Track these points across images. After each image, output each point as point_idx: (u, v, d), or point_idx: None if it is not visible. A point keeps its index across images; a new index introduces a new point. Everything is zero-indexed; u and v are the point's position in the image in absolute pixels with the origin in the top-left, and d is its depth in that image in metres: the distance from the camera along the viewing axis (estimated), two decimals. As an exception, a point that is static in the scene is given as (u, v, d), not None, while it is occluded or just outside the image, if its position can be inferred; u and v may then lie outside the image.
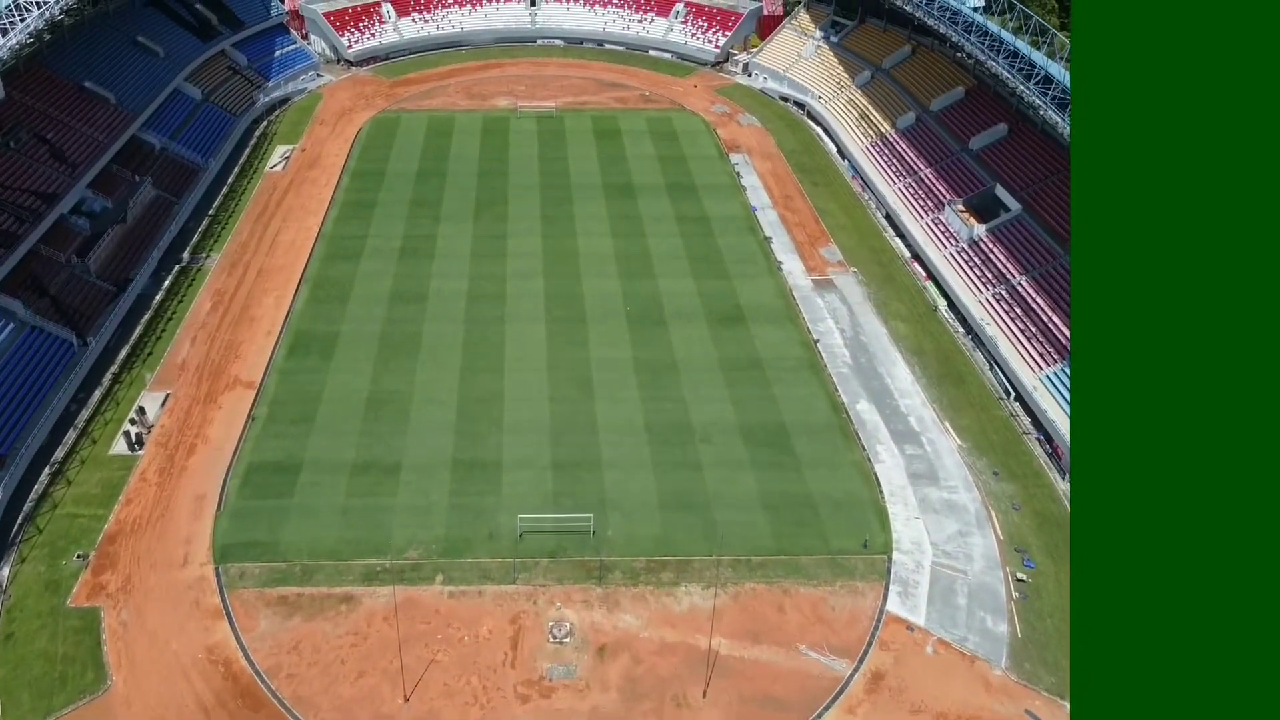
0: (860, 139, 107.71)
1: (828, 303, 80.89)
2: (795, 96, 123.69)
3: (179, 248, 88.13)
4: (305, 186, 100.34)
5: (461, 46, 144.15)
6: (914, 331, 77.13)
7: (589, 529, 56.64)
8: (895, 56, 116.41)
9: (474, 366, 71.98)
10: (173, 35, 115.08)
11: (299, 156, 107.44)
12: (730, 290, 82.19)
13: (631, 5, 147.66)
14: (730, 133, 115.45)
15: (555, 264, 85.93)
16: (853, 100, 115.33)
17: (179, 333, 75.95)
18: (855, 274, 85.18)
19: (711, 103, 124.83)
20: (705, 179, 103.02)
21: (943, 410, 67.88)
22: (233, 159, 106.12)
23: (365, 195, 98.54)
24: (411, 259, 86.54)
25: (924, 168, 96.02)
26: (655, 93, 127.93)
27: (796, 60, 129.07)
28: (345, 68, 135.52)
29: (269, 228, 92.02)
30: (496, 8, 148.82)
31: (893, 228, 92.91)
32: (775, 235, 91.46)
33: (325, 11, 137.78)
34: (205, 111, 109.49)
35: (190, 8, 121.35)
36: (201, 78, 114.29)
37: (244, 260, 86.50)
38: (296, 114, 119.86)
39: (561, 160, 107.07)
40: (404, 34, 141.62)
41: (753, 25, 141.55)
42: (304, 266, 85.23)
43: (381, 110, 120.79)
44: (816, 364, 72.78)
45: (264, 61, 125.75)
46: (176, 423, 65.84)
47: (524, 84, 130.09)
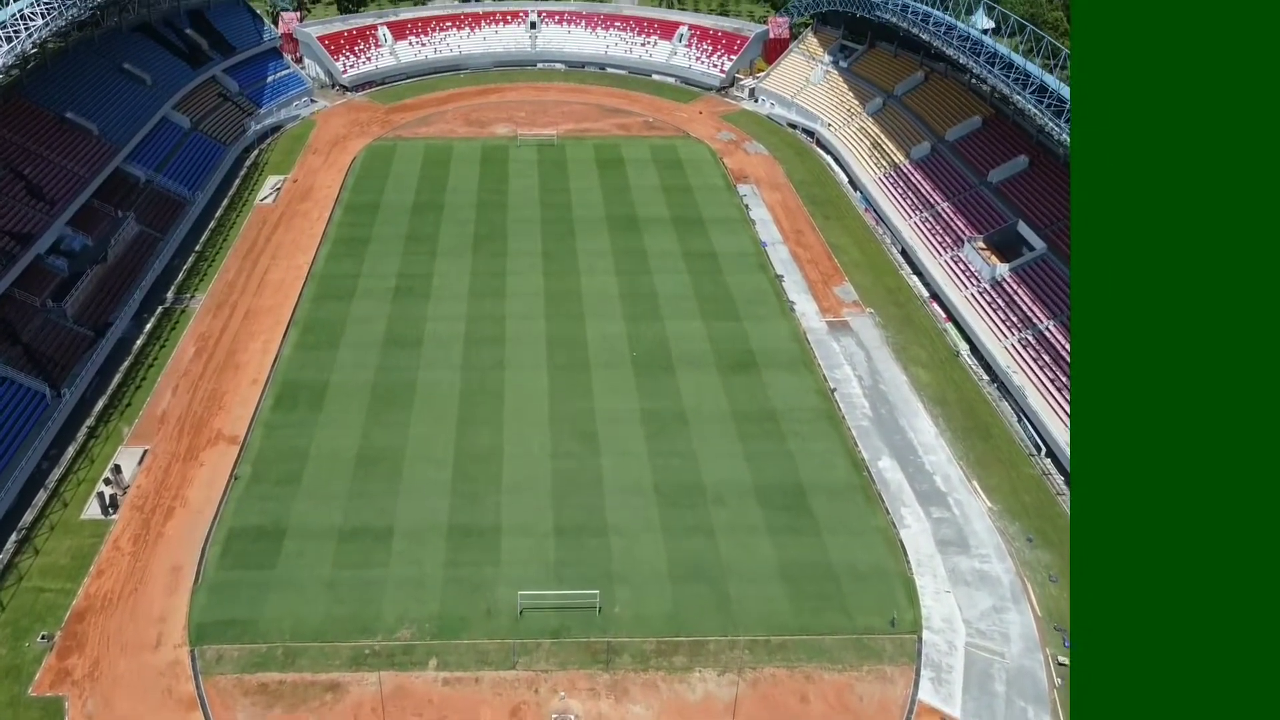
0: (873, 169, 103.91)
1: (844, 347, 76.88)
2: (804, 123, 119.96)
3: (163, 287, 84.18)
4: (296, 220, 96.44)
5: (460, 70, 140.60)
6: (936, 379, 73.09)
7: (595, 605, 52.48)
8: (907, 83, 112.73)
9: (471, 418, 67.91)
10: (161, 62, 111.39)
11: (290, 188, 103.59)
12: (741, 333, 78.20)
13: (634, 28, 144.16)
14: (737, 162, 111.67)
15: (557, 304, 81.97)
16: (864, 128, 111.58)
17: (160, 381, 71.90)
18: (872, 315, 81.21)
19: (717, 130, 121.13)
20: (712, 211, 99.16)
21: (970, 468, 63.80)
22: (221, 191, 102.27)
23: (359, 230, 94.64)
24: (406, 299, 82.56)
25: (941, 201, 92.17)
26: (659, 119, 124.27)
27: (804, 86, 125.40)
28: (340, 93, 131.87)
29: (258, 265, 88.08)
30: (496, 30, 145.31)
31: (909, 265, 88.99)
32: (787, 273, 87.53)
33: (320, 35, 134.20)
34: (194, 141, 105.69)
35: (180, 33, 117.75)
36: (190, 105, 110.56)
37: (231, 301, 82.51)
38: (289, 142, 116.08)
39: (563, 191, 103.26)
40: (401, 58, 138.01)
41: (758, 49, 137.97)
42: (293, 308, 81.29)
43: (377, 138, 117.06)
44: (834, 416, 68.71)
45: (256, 88, 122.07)
46: (154, 483, 61.74)
47: (524, 110, 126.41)
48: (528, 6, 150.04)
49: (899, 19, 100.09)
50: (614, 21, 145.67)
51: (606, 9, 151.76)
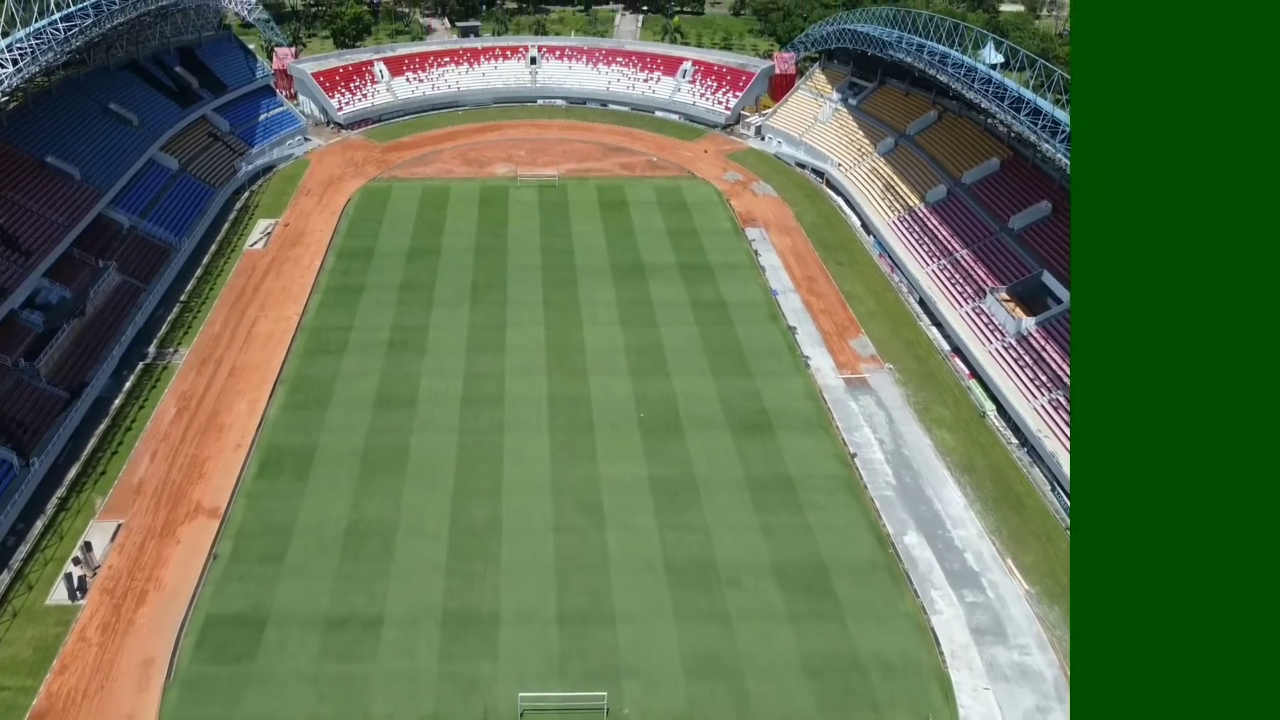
0: (886, 213, 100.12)
1: (862, 406, 72.67)
2: (813, 163, 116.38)
3: (144, 341, 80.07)
4: (287, 267, 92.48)
5: (458, 107, 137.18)
6: (962, 443, 68.85)
7: (603, 708, 48.01)
8: (920, 122, 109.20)
9: (468, 488, 63.63)
10: (149, 101, 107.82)
11: (281, 232, 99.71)
12: (754, 391, 74.04)
13: (636, 64, 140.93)
14: (745, 204, 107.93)
15: (559, 359, 77.87)
16: (876, 169, 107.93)
17: (138, 446, 67.61)
18: (891, 371, 77.07)
19: (723, 169, 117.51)
20: (720, 257, 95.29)
21: (1003, 544, 59.45)
22: (210, 236, 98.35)
23: (351, 278, 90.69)
24: (400, 354, 78.45)
25: (959, 248, 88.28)
26: (663, 158, 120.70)
27: (813, 124, 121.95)
28: (335, 131, 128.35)
29: (245, 316, 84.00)
30: (495, 66, 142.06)
31: (928, 316, 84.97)
32: (800, 324, 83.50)
33: (315, 72, 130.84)
34: (182, 183, 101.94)
35: (169, 71, 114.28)
36: (179, 146, 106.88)
37: (215, 356, 78.35)
38: (281, 183, 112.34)
39: (565, 236, 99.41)
40: (398, 94, 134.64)
41: (765, 85, 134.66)
42: (281, 363, 77.15)
43: (372, 179, 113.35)
44: (855, 484, 64.43)
45: (248, 127, 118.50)
46: (127, 562, 57.34)
47: (524, 148, 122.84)
48: (528, 42, 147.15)
49: (914, 60, 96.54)
50: (616, 57, 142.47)
51: (608, 44, 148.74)
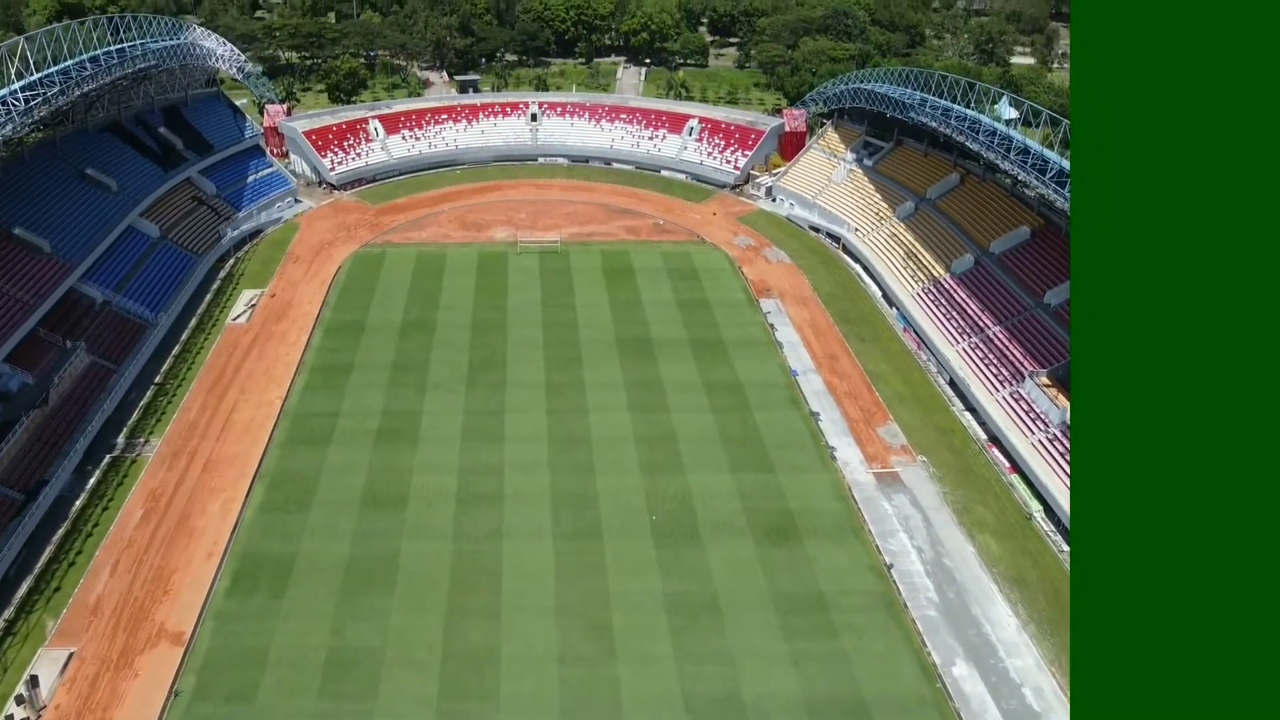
0: (909, 283, 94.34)
1: (896, 507, 66.27)
2: (828, 227, 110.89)
3: (113, 430, 73.77)
4: (271, 344, 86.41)
5: (456, 166, 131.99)
6: (1009, 551, 62.36)
7: None
8: (941, 186, 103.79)
9: (463, 606, 57.10)
10: (130, 165, 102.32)
11: (267, 304, 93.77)
12: (776, 489, 67.68)
13: (641, 121, 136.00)
14: (758, 271, 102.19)
15: (563, 451, 71.58)
16: (896, 235, 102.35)
17: (98, 555, 61.14)
18: (924, 465, 70.76)
19: (734, 233, 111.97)
20: (734, 332, 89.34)
21: (1066, 676, 52.79)
22: (190, 309, 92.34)
23: (340, 356, 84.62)
24: (390, 445, 72.17)
25: (991, 325, 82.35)
26: (670, 221, 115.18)
27: (826, 185, 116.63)
28: (327, 192, 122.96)
29: (224, 401, 77.76)
30: (495, 123, 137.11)
31: (961, 399, 78.82)
32: (823, 409, 77.34)
33: (307, 130, 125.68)
34: (162, 252, 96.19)
35: (153, 132, 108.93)
36: (160, 212, 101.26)
37: (189, 447, 72.01)
38: (268, 249, 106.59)
39: (568, 307, 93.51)
40: (393, 153, 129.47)
41: (774, 143, 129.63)
42: (261, 456, 70.89)
43: (364, 244, 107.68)
44: (894, 602, 57.89)
45: (235, 189, 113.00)
46: (77, 700, 50.70)
47: (524, 210, 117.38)
48: (528, 98, 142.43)
49: (941, 125, 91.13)
50: (619, 114, 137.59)
51: (611, 100, 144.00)
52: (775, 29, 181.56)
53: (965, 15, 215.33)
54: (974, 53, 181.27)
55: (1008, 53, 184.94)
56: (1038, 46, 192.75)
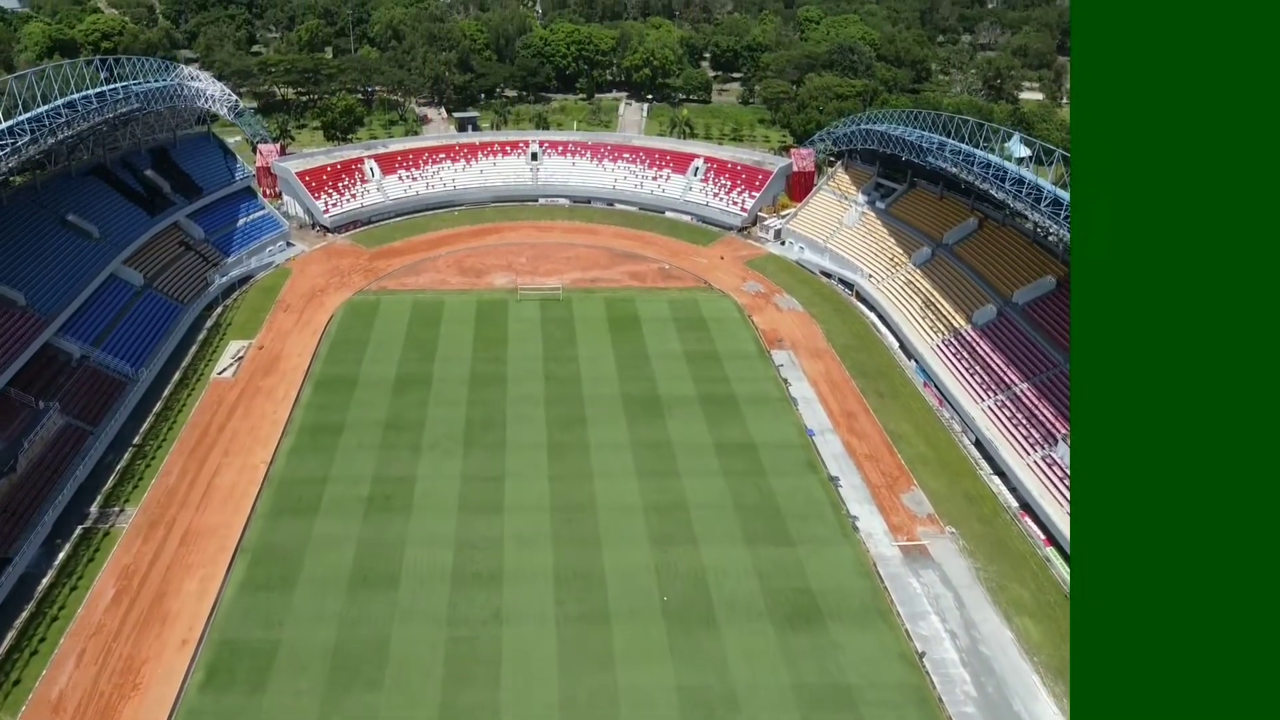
0: (928, 334, 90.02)
1: (925, 585, 61.54)
2: (840, 273, 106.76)
3: (86, 498, 69.11)
4: (258, 401, 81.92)
5: (454, 207, 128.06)
6: (1050, 636, 57.56)
7: None
8: (959, 231, 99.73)
9: (458, 704, 52.23)
10: (114, 210, 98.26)
11: (255, 356, 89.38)
12: (796, 564, 62.96)
13: (644, 160, 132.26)
14: (769, 320, 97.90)
15: (567, 522, 66.88)
16: (912, 282, 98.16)
17: (64, 641, 56.30)
18: (954, 537, 66.09)
19: (742, 279, 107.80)
20: (746, 387, 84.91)
21: (1122, 788, 47.77)
22: (173, 363, 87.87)
23: (330, 414, 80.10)
24: (382, 515, 67.48)
25: (1019, 382, 77.94)
26: (676, 265, 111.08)
27: (838, 228, 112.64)
28: (320, 235, 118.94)
29: (205, 465, 73.16)
30: (494, 163, 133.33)
31: (989, 463, 74.25)
32: (842, 473, 72.77)
33: (300, 171, 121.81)
34: (146, 301, 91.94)
35: (139, 175, 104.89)
36: (145, 259, 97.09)
37: (167, 517, 67.32)
38: (258, 296, 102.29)
39: (571, 360, 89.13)
40: (389, 194, 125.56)
41: (782, 184, 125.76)
42: (243, 527, 66.20)
43: (358, 291, 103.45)
44: (928, 696, 53.06)
45: (224, 233, 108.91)
46: (30, 817, 45.69)
47: (525, 254, 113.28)
48: (528, 136, 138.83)
49: (963, 172, 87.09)
50: (622, 153, 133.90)
51: (614, 139, 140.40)
52: (779, 65, 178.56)
53: (971, 50, 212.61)
54: (982, 89, 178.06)
55: (1016, 88, 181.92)
56: (1046, 82, 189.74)
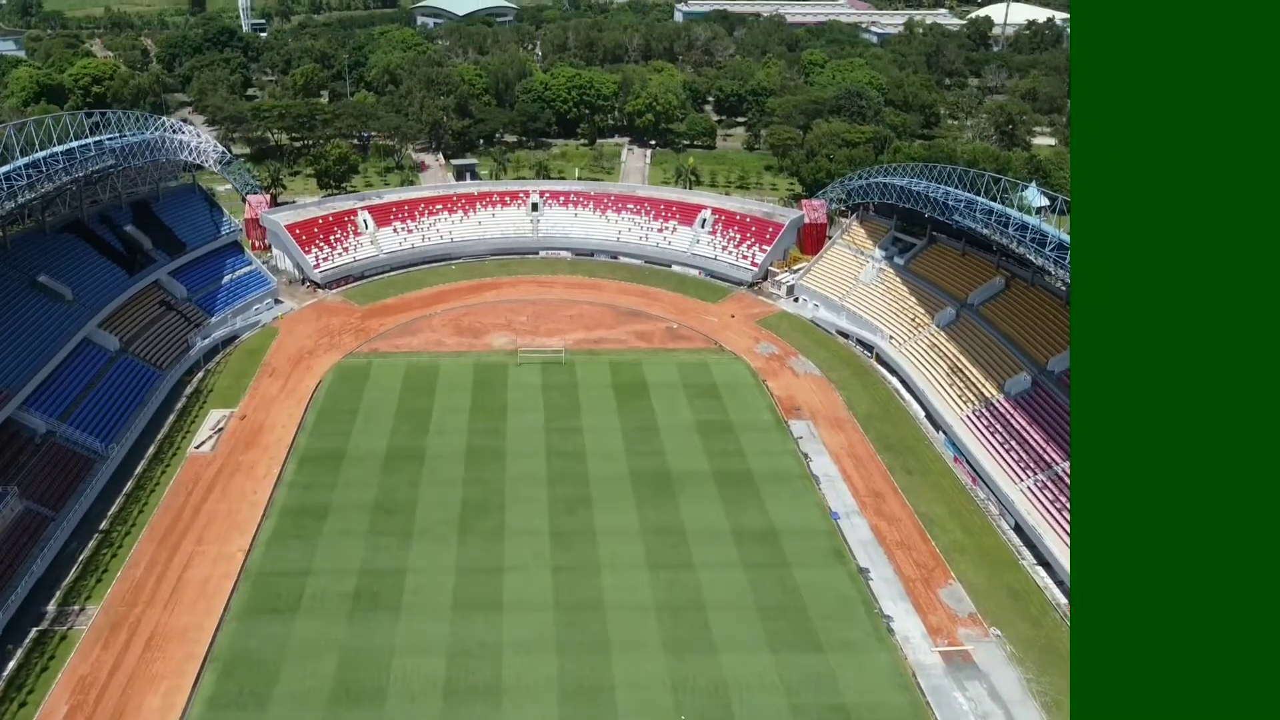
0: (957, 403, 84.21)
1: (972, 700, 55.23)
2: (859, 334, 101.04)
3: (44, 594, 62.90)
4: (237, 479, 75.87)
5: (451, 261, 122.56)
6: (1117, 765, 51.09)
7: None
8: (985, 290, 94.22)
9: None
10: (90, 268, 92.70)
11: (236, 428, 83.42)
12: (827, 675, 56.73)
13: (649, 211, 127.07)
14: (784, 386, 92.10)
15: (572, 625, 60.68)
16: (936, 345, 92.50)
17: (6, 773, 49.90)
18: (999, 641, 59.85)
19: (755, 339, 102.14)
20: (763, 462, 78.98)
21: None
22: (148, 435, 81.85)
23: (314, 494, 74.07)
24: (368, 615, 61.26)
25: (1060, 460, 72.03)
26: (685, 324, 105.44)
27: (854, 285, 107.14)
28: (310, 291, 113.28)
29: (176, 555, 67.01)
30: (493, 214, 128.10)
31: (1031, 551, 68.16)
32: (872, 564, 66.68)
33: (290, 223, 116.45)
34: (120, 368, 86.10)
35: (118, 231, 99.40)
36: (122, 322, 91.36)
37: (132, 617, 61.08)
38: (242, 360, 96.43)
39: (575, 432, 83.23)
40: (383, 247, 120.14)
41: (793, 237, 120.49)
42: (215, 629, 59.95)
43: (349, 353, 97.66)
44: (985, 842, 46.66)
45: (208, 291, 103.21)
46: None
47: (525, 312, 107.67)
48: (529, 186, 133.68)
49: (996, 234, 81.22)
50: (626, 203, 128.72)
51: (618, 189, 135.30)
52: (785, 110, 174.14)
53: (979, 95, 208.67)
54: (994, 135, 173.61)
55: (1028, 134, 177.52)
56: (1058, 127, 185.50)
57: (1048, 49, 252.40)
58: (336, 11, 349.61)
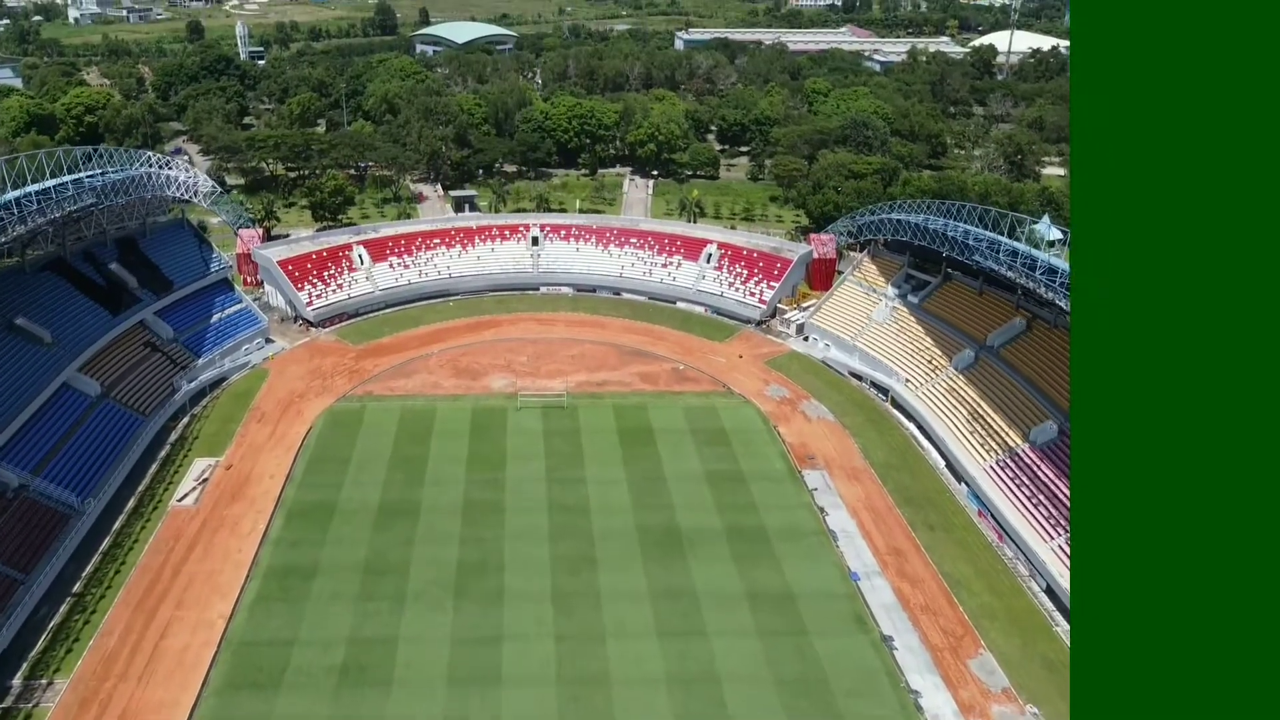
0: (979, 453, 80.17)
1: (1012, 790, 50.90)
2: (872, 375, 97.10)
3: (9, 666, 58.71)
4: (220, 536, 71.68)
5: (449, 297, 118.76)
6: None
7: None
8: (1004, 332, 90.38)
9: None
10: (72, 309, 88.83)
11: (221, 479, 79.32)
12: (852, 759, 52.37)
13: (653, 246, 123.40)
14: (796, 432, 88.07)
15: (576, 699, 56.45)
16: (954, 389, 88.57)
17: None
18: (1035, 718, 55.52)
19: (764, 381, 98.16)
20: (777, 517, 74.86)
21: None
22: (129, 487, 77.71)
23: (302, 553, 69.88)
24: (356, 690, 56.99)
25: (1093, 517, 67.66)
26: (691, 365, 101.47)
27: (867, 325, 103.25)
28: (303, 329, 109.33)
29: (154, 620, 62.79)
30: (492, 248, 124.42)
31: (1065, 616, 63.84)
32: (896, 631, 62.45)
33: (283, 259, 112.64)
34: (101, 414, 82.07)
35: (103, 269, 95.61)
36: (104, 364, 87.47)
37: (102, 693, 56.80)
38: (230, 404, 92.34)
39: (578, 483, 79.14)
40: (379, 284, 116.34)
41: (802, 273, 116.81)
42: (192, 707, 55.68)
43: (342, 396, 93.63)
44: None
45: (195, 331, 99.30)
46: None
47: (525, 352, 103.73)
48: (529, 220, 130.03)
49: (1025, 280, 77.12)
50: (629, 238, 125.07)
51: (620, 222, 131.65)
52: (790, 140, 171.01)
53: (986, 124, 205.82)
54: (1003, 165, 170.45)
55: (1038, 164, 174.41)
56: (1067, 157, 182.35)
57: (1053, 77, 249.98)
58: (336, 39, 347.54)
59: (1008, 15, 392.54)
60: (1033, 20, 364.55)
